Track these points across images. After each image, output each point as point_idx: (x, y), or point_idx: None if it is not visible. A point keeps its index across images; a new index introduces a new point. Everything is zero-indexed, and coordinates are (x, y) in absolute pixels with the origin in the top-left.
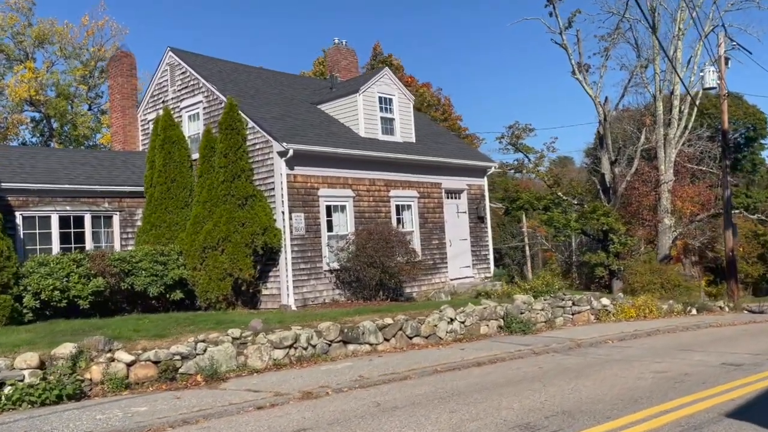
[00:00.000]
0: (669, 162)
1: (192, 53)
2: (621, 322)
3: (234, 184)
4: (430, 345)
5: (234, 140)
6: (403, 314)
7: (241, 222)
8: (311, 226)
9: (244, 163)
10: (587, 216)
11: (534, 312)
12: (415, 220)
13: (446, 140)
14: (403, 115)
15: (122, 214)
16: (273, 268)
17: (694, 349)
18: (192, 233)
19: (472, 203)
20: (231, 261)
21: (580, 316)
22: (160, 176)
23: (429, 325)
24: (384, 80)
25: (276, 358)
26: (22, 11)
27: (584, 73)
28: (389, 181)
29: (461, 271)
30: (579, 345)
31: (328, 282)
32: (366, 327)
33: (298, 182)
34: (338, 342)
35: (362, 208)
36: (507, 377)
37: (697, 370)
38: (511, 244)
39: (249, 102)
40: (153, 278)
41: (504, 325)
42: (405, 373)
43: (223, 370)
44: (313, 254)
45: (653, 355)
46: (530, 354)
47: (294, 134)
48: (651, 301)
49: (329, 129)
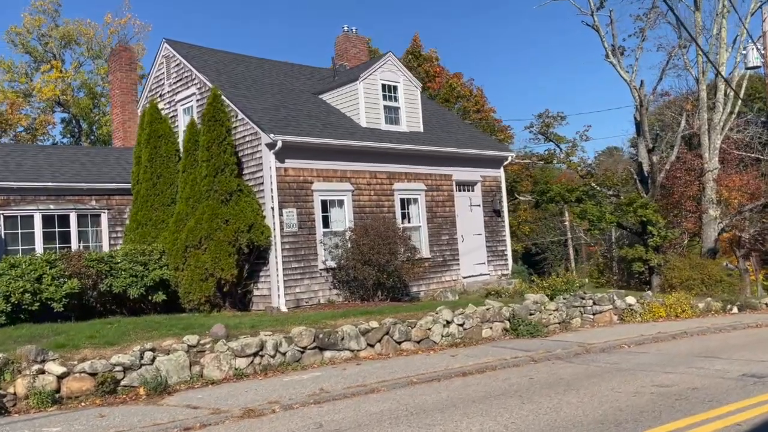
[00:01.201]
0: (714, 149)
1: (188, 44)
2: (647, 323)
3: (217, 178)
4: (421, 350)
5: (217, 132)
6: (392, 317)
7: (224, 219)
8: (305, 223)
9: (228, 156)
10: (623, 208)
11: (546, 313)
12: (422, 215)
13: (458, 129)
14: (410, 103)
15: (111, 212)
16: (263, 268)
17: (718, 355)
18: (174, 231)
19: (487, 196)
20: (213, 260)
21: (601, 317)
22: (145, 172)
23: (421, 329)
24: (388, 67)
25: (238, 367)
26: (48, 13)
27: (619, 56)
28: (393, 174)
29: (475, 268)
30: (588, 351)
31: (324, 281)
32: (346, 332)
33: (289, 176)
34: (313, 349)
35: (362, 203)
36: (487, 390)
37: (710, 383)
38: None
39: (242, 93)
40: (133, 279)
41: (510, 327)
42: (374, 386)
43: (173, 382)
44: (306, 252)
45: (666, 364)
46: (528, 362)
47: (286, 125)
48: (684, 299)
49: (327, 119)
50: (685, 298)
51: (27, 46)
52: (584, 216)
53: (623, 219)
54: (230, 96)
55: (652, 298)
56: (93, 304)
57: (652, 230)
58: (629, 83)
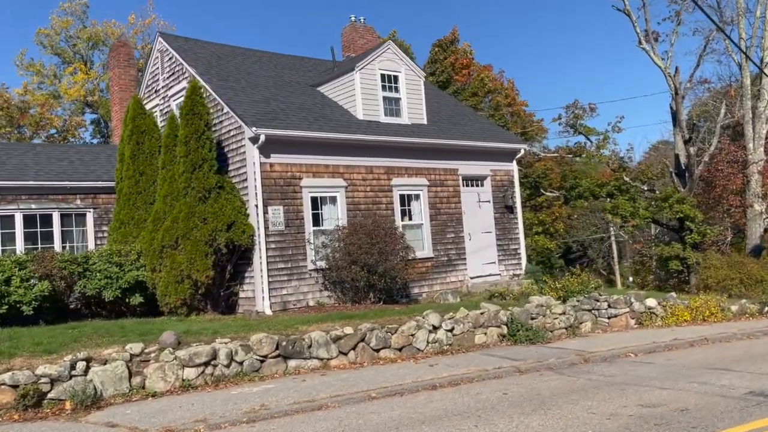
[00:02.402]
0: (759, 139)
1: (183, 38)
2: (668, 328)
3: (194, 175)
4: (402, 359)
5: (196, 126)
6: (372, 322)
7: (202, 217)
8: (292, 221)
9: (206, 151)
10: (658, 203)
11: (551, 317)
12: (424, 212)
13: (468, 121)
14: (412, 94)
15: (97, 211)
16: (248, 269)
17: (732, 367)
18: (152, 231)
19: (497, 191)
20: (189, 261)
21: (616, 321)
22: (128, 170)
23: (402, 335)
24: (387, 55)
25: (186, 378)
26: (77, 14)
27: (652, 42)
28: (391, 168)
29: (484, 268)
30: (586, 360)
31: (314, 283)
32: (314, 339)
33: (275, 171)
34: (275, 357)
35: (357, 199)
36: (447, 408)
37: (706, 402)
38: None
39: (231, 85)
40: (107, 281)
41: (508, 333)
42: (324, 401)
43: (109, 395)
44: (294, 252)
45: (667, 377)
46: (512, 373)
47: (272, 118)
48: (713, 301)
49: (321, 112)
50: (715, 299)
51: (56, 48)
52: (616, 212)
53: (659, 215)
54: (217, 89)
55: (676, 300)
56: (72, 306)
57: (690, 226)
58: (664, 70)
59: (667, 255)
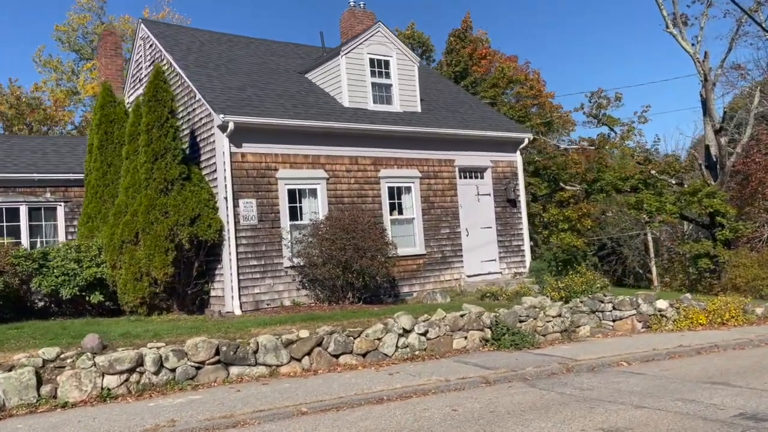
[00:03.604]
0: None
1: (165, 24)
2: (680, 332)
3: (156, 165)
4: (364, 365)
5: (159, 114)
6: (332, 325)
7: (163, 211)
8: (266, 215)
9: (169, 140)
10: (686, 197)
11: (544, 320)
12: (416, 206)
13: (469, 109)
14: (404, 80)
15: (69, 204)
16: (218, 265)
17: (732, 381)
18: (113, 225)
19: (499, 184)
20: (148, 258)
21: (621, 324)
22: (96, 161)
23: (367, 340)
24: (377, 39)
25: (106, 386)
26: (93, 10)
27: (681, 26)
28: (379, 159)
29: (483, 266)
30: (569, 369)
31: (291, 281)
32: (262, 343)
33: (248, 162)
34: (214, 364)
35: (340, 192)
36: (377, 427)
37: (681, 428)
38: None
39: (208, 72)
40: (65, 278)
41: (492, 337)
42: (241, 417)
43: (12, 405)
44: (269, 248)
45: (651, 393)
46: (477, 384)
47: (245, 105)
48: (734, 303)
49: (304, 99)
50: (738, 301)
51: (73, 45)
52: (640, 207)
53: (687, 210)
54: (191, 75)
55: (691, 301)
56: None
57: (722, 222)
58: (693, 56)
59: (696, 252)
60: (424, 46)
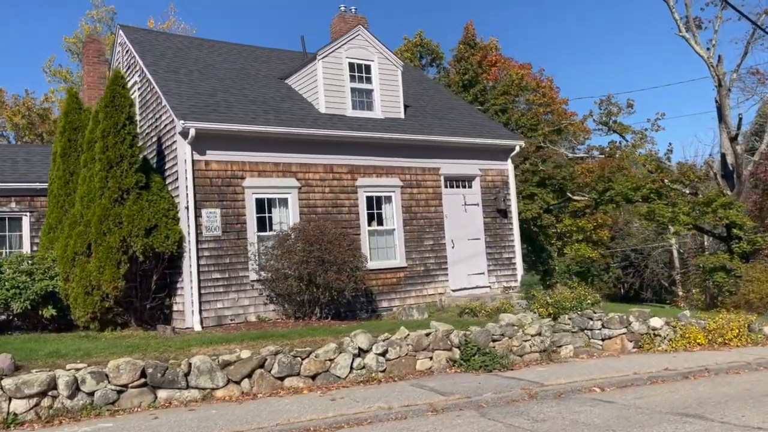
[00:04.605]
0: None
1: (144, 29)
2: (675, 353)
3: (111, 173)
4: (311, 389)
5: (115, 120)
6: (278, 344)
7: (117, 221)
8: (232, 225)
9: (126, 147)
10: (701, 208)
11: (522, 339)
12: (396, 216)
13: (459, 115)
14: (387, 85)
15: (34, 214)
16: (180, 279)
17: (708, 413)
18: (67, 236)
19: (488, 193)
20: (99, 270)
21: (611, 343)
22: (58, 169)
23: (317, 361)
24: (357, 42)
25: (14, 411)
26: (104, 21)
27: (693, 29)
28: (357, 167)
29: (470, 279)
30: (532, 396)
31: (258, 295)
32: (195, 365)
33: (212, 170)
34: (138, 387)
35: (313, 202)
36: None
37: None
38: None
39: (179, 78)
40: (15, 291)
41: (461, 357)
42: None
43: None
44: (233, 260)
45: (610, 427)
46: (423, 412)
47: (211, 111)
48: (737, 320)
49: (279, 105)
50: (742, 319)
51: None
52: (652, 217)
53: (701, 221)
54: (160, 79)
55: (689, 319)
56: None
57: (739, 234)
58: (707, 60)
59: (711, 266)
60: (433, 53)
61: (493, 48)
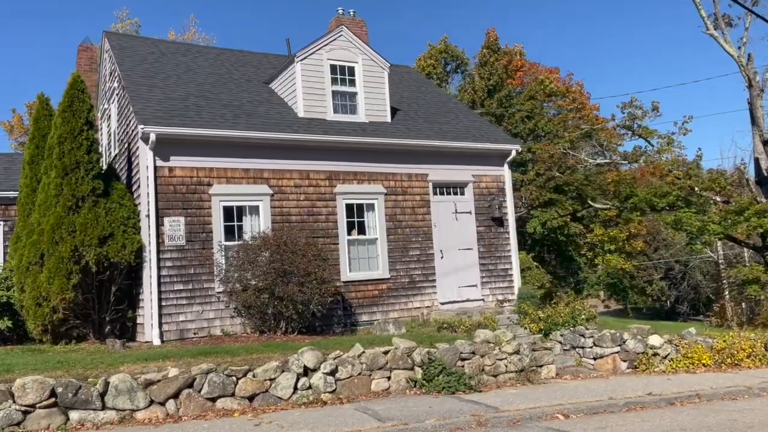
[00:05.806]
0: None
1: (128, 35)
2: (674, 374)
3: (65, 180)
4: (247, 411)
5: (72, 125)
6: (212, 362)
7: (70, 230)
8: (197, 235)
9: (82, 153)
10: (732, 217)
11: (495, 357)
12: (380, 225)
13: (453, 119)
14: (372, 87)
15: (8, 223)
16: (142, 290)
17: None
18: (23, 245)
19: (482, 200)
20: (49, 281)
21: (602, 363)
22: (26, 177)
23: (254, 381)
24: (340, 43)
25: None
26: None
27: (722, 27)
28: (335, 173)
29: (461, 292)
30: (482, 424)
31: (224, 308)
32: (114, 384)
33: (176, 177)
34: (47, 407)
35: (287, 210)
36: None
37: None
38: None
39: (155, 82)
40: None
41: (423, 377)
42: None
43: None
44: (198, 271)
45: None
46: None
47: (177, 115)
48: (748, 340)
49: (254, 109)
50: (755, 337)
51: None
52: (679, 227)
53: (732, 230)
54: (131, 84)
55: (694, 337)
56: None
57: None
58: (737, 60)
59: (745, 278)
60: (458, 59)
61: (517, 53)
